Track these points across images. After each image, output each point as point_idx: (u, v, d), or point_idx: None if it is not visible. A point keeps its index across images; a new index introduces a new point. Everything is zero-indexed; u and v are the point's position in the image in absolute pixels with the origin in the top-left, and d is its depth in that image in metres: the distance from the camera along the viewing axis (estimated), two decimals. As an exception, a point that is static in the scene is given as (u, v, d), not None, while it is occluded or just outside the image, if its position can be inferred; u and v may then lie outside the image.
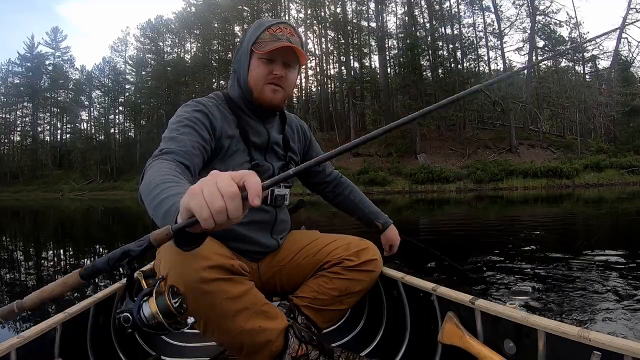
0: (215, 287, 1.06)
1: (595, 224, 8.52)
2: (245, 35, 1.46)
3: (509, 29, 38.93)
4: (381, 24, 43.51)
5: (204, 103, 1.39)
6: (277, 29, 1.39)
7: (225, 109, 1.43)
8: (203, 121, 1.32)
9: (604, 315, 2.40)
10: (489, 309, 1.18)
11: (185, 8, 51.67)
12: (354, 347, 1.71)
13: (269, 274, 1.53)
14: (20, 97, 57.97)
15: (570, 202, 15.33)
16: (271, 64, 1.40)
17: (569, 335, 0.92)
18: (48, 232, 10.75)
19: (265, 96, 1.43)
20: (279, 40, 1.37)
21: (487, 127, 38.43)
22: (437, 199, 20.47)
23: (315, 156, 1.69)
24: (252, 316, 1.13)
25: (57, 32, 59.93)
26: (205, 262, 1.06)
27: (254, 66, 1.41)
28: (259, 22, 1.45)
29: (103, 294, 1.70)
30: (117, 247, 0.76)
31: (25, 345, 1.19)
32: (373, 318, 1.85)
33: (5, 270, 5.08)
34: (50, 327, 1.30)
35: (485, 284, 3.38)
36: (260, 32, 1.40)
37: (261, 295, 1.22)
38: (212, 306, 1.07)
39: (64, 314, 1.40)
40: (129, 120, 55.83)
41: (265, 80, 1.41)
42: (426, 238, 6.16)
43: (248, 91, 1.44)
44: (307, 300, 1.50)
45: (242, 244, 1.40)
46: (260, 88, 1.42)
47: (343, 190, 1.81)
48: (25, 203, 30.49)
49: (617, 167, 26.84)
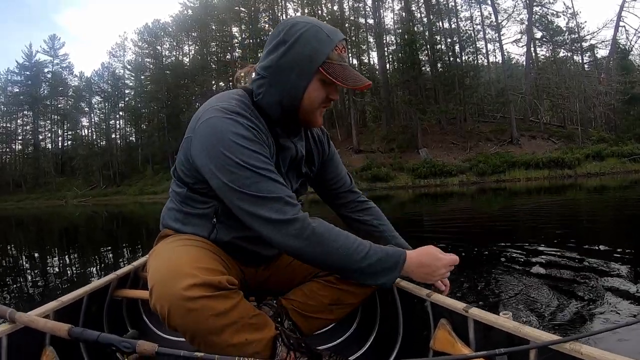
0: (201, 305, 1.03)
1: (600, 213, 8.50)
2: (299, 41, 1.20)
3: (507, 21, 38.93)
4: (378, 20, 43.49)
5: (255, 127, 1.20)
6: (342, 48, 1.24)
7: (262, 123, 1.25)
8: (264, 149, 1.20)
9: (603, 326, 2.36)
10: (482, 318, 1.18)
11: (182, 11, 51.71)
12: (344, 351, 1.71)
13: (264, 276, 1.51)
14: (20, 105, 58.10)
15: (573, 191, 15.30)
16: (329, 87, 1.26)
17: (561, 348, 0.92)
18: (53, 239, 10.79)
19: (317, 121, 1.32)
20: (345, 62, 1.25)
21: (487, 120, 38.39)
22: (440, 193, 20.46)
23: (334, 169, 1.63)
24: (239, 330, 1.10)
25: (54, 39, 60.13)
26: (191, 280, 1.03)
27: (315, 87, 1.24)
28: (326, 34, 1.22)
29: (97, 285, 1.72)
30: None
31: (16, 332, 1.19)
32: (365, 322, 1.84)
33: (11, 278, 5.10)
34: (43, 314, 1.31)
35: (484, 287, 3.37)
36: (331, 50, 1.21)
37: (249, 306, 1.18)
38: (198, 323, 1.04)
39: (57, 302, 1.41)
40: (129, 125, 55.97)
41: (321, 104, 1.28)
42: (429, 236, 6.15)
43: (293, 109, 1.27)
44: (297, 303, 1.46)
45: (241, 254, 1.37)
46: (313, 111, 1.28)
47: (358, 207, 1.67)
48: (29, 211, 30.56)
49: (619, 155, 26.81)
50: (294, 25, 1.21)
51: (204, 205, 1.29)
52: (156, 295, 1.05)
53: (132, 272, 2.06)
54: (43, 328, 1.17)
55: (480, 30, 40.33)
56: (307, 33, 1.20)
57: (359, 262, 1.16)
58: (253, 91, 1.29)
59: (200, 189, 1.26)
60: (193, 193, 1.29)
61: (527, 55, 38.35)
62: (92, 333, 1.03)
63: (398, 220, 8.84)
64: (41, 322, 1.18)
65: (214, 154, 1.13)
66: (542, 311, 2.62)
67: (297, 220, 1.12)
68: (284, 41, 1.21)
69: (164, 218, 1.39)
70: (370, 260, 1.17)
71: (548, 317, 2.50)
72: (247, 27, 47.65)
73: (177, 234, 1.32)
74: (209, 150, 1.14)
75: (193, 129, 1.20)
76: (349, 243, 1.16)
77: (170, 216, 1.36)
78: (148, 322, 2.04)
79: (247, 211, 1.13)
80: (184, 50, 53.89)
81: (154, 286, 1.07)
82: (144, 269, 2.07)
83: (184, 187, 1.30)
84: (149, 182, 43.02)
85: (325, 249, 1.14)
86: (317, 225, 1.14)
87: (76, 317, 1.54)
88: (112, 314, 1.83)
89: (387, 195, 20.00)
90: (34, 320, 1.18)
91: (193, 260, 1.10)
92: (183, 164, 1.27)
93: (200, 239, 1.26)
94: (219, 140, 1.13)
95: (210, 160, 1.14)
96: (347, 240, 1.16)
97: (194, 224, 1.30)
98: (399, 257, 1.21)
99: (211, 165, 1.14)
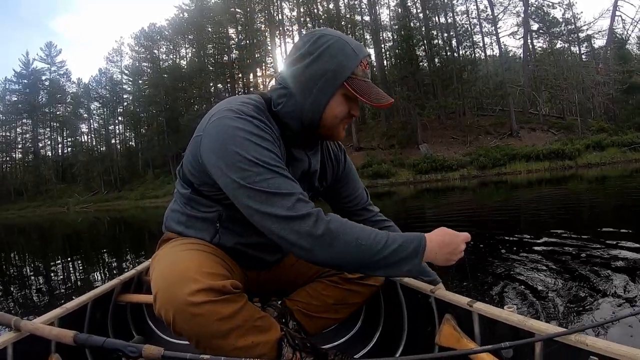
0: (206, 310, 1.03)
1: (602, 203, 8.50)
2: (325, 54, 1.18)
3: (503, 14, 38.88)
4: (375, 17, 43.48)
5: (268, 129, 1.17)
6: (367, 64, 1.22)
7: (275, 130, 1.22)
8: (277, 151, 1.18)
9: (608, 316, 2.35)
10: (487, 312, 1.18)
11: (178, 14, 51.65)
12: (350, 349, 1.72)
13: (267, 278, 1.50)
14: (19, 114, 57.98)
15: (574, 182, 15.29)
16: (352, 102, 1.23)
17: (566, 340, 0.92)
18: (56, 246, 10.80)
19: (339, 134, 1.29)
20: (369, 79, 1.22)
21: (486, 114, 38.34)
22: (441, 188, 20.47)
23: (349, 186, 1.59)
24: (244, 333, 1.10)
25: (51, 47, 59.96)
26: (195, 285, 1.03)
27: (337, 102, 1.21)
28: (352, 49, 1.19)
29: (101, 290, 1.72)
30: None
31: (21, 340, 1.20)
32: (370, 319, 1.85)
33: (16, 286, 5.11)
34: (48, 321, 1.32)
35: (488, 280, 3.37)
36: (356, 66, 1.19)
37: (254, 309, 1.18)
38: (203, 328, 1.04)
39: (62, 309, 1.42)
40: (129, 130, 55.89)
41: (343, 119, 1.25)
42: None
43: (314, 123, 1.24)
44: (301, 304, 1.46)
45: (244, 259, 1.36)
46: (335, 126, 1.25)
47: (371, 221, 1.61)
48: (31, 219, 30.59)
49: (619, 145, 26.73)
50: (320, 38, 1.18)
51: (207, 209, 1.28)
52: (160, 301, 1.06)
53: (136, 276, 2.06)
54: (48, 335, 1.17)
55: (476, 24, 40.36)
56: (334, 46, 1.17)
57: (381, 252, 1.07)
58: (271, 99, 1.25)
59: (205, 192, 1.25)
60: (197, 195, 1.28)
61: (524, 48, 38.35)
62: (98, 339, 1.03)
63: (401, 215, 8.85)
64: (46, 329, 1.18)
65: (224, 152, 1.10)
66: (546, 303, 2.62)
67: (310, 215, 1.06)
68: (309, 53, 1.18)
69: (167, 220, 1.39)
70: (392, 248, 1.08)
71: (552, 309, 2.50)
72: (243, 28, 47.58)
73: (179, 237, 1.31)
74: (219, 148, 1.11)
75: (203, 128, 1.18)
76: (366, 234, 1.09)
77: (174, 218, 1.35)
78: (153, 326, 2.05)
79: (257, 209, 1.07)
80: (181, 53, 53.87)
81: (158, 292, 1.07)
82: (147, 273, 2.07)
83: (188, 188, 1.29)
84: (150, 186, 42.99)
85: (342, 243, 1.06)
86: (332, 219, 1.09)
87: (81, 324, 1.55)
88: (116, 319, 1.83)
89: (389, 192, 20.01)
90: (39, 328, 1.19)
91: (197, 265, 1.09)
92: (191, 163, 1.24)
93: (203, 243, 1.26)
94: (229, 137, 1.10)
95: (219, 158, 1.10)
96: (364, 232, 1.09)
97: (197, 227, 1.30)
98: (420, 240, 1.13)
99: (220, 163, 1.10)
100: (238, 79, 48.96)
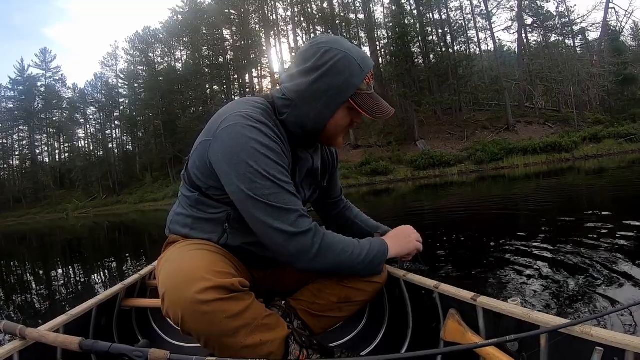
0: (215, 307, 1.03)
1: (600, 194, 8.51)
2: (331, 70, 1.19)
3: (497, 9, 38.90)
4: (369, 14, 43.50)
5: (278, 138, 1.21)
6: (371, 75, 1.25)
7: (283, 135, 1.26)
8: (283, 160, 1.22)
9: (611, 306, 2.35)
10: (491, 306, 1.18)
11: (172, 17, 51.64)
12: (355, 347, 1.73)
13: (272, 277, 1.51)
14: (15, 121, 57.92)
15: (572, 174, 15.30)
16: (354, 113, 1.28)
17: (571, 331, 0.93)
18: (57, 253, 10.77)
19: (338, 143, 1.38)
20: (372, 90, 1.26)
21: (483, 108, 38.36)
22: (440, 183, 20.44)
23: (333, 177, 1.69)
24: (253, 331, 1.10)
25: (46, 53, 59.95)
26: (203, 284, 1.03)
27: (341, 115, 1.26)
28: (358, 65, 1.21)
29: (105, 296, 1.72)
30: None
31: (27, 348, 1.20)
32: (374, 317, 1.85)
33: (19, 294, 5.10)
34: (53, 329, 1.32)
35: (490, 274, 3.37)
36: (361, 81, 1.22)
37: (262, 307, 1.19)
38: (212, 326, 1.04)
39: (67, 316, 1.42)
40: (126, 134, 55.82)
41: (345, 128, 1.31)
42: (430, 225, 6.15)
43: (316, 132, 1.30)
44: (305, 304, 1.46)
45: (250, 259, 1.37)
46: (336, 135, 1.33)
47: (343, 209, 1.79)
48: (31, 226, 30.49)
49: (615, 136, 26.74)
50: (328, 52, 1.20)
51: (215, 210, 1.28)
52: (169, 301, 1.05)
53: (139, 281, 2.06)
54: (54, 343, 1.17)
55: (471, 19, 40.41)
56: (340, 63, 1.19)
57: (364, 259, 1.29)
58: (276, 105, 1.29)
59: (213, 195, 1.26)
60: (205, 198, 1.28)
61: (518, 42, 38.44)
62: (104, 344, 1.03)
63: (399, 212, 8.86)
64: (52, 336, 1.18)
65: (236, 161, 1.13)
66: (549, 295, 2.62)
67: (310, 231, 1.18)
68: (316, 68, 1.20)
69: (172, 223, 1.38)
70: (371, 254, 1.31)
71: (556, 301, 2.50)
72: (237, 29, 47.57)
73: (185, 239, 1.31)
74: (231, 157, 1.14)
75: (213, 133, 1.19)
76: (352, 245, 1.27)
77: (179, 221, 1.35)
78: (158, 330, 2.05)
79: (262, 220, 1.15)
80: (176, 55, 53.92)
81: (166, 292, 1.07)
82: (151, 277, 2.09)
83: (195, 191, 1.29)
84: (148, 189, 42.92)
85: (334, 254, 1.22)
86: (326, 234, 1.22)
87: (86, 330, 1.55)
88: (121, 325, 1.83)
89: (388, 189, 19.99)
90: (44, 336, 1.19)
91: (205, 264, 1.10)
92: (198, 168, 1.25)
93: (209, 243, 1.26)
94: (242, 147, 1.13)
95: (230, 167, 1.14)
96: (350, 243, 1.27)
97: (204, 228, 1.30)
98: (383, 244, 1.37)
99: (231, 171, 1.14)
100: (234, 80, 48.99)
